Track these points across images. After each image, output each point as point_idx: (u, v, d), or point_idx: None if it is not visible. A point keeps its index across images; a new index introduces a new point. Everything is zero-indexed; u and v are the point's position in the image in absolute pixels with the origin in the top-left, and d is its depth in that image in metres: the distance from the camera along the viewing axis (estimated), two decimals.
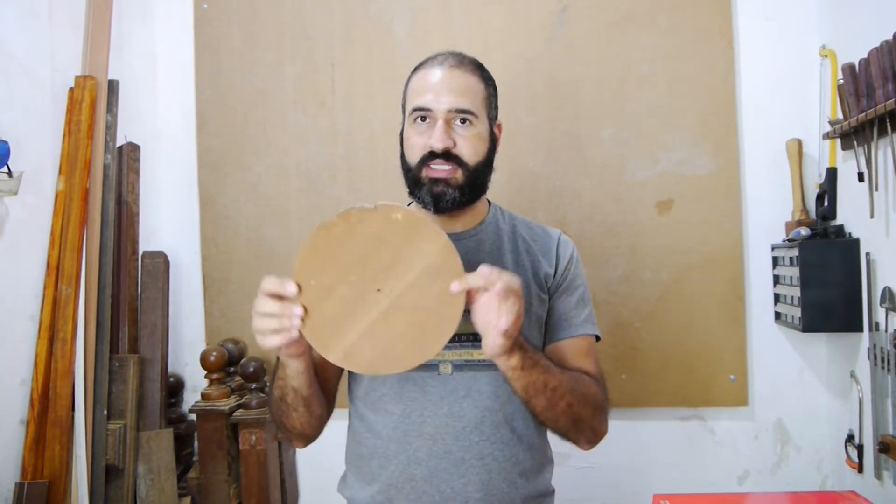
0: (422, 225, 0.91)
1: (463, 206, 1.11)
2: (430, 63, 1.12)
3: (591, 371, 1.14)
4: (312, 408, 1.08)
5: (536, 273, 1.15)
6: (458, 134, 1.08)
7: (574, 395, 1.04)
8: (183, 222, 2.06)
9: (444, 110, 1.07)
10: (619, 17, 1.88)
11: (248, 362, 1.89)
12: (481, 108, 1.11)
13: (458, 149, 1.08)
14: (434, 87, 1.08)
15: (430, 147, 1.07)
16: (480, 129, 1.11)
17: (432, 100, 1.08)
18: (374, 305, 0.91)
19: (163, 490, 1.79)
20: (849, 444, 1.68)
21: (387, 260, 0.90)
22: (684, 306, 1.86)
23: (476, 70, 1.13)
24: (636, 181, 1.88)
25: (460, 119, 1.08)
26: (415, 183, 1.11)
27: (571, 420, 1.06)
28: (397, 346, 0.92)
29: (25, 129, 1.62)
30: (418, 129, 1.09)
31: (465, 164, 1.08)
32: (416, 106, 1.09)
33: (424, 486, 1.07)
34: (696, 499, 1.36)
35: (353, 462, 1.17)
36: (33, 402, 1.62)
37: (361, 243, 0.90)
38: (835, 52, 1.72)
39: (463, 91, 1.09)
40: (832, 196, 1.71)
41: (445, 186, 1.08)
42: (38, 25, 1.69)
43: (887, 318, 1.49)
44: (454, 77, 1.09)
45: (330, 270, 0.91)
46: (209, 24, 2.04)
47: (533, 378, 0.99)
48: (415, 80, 1.13)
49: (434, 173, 1.08)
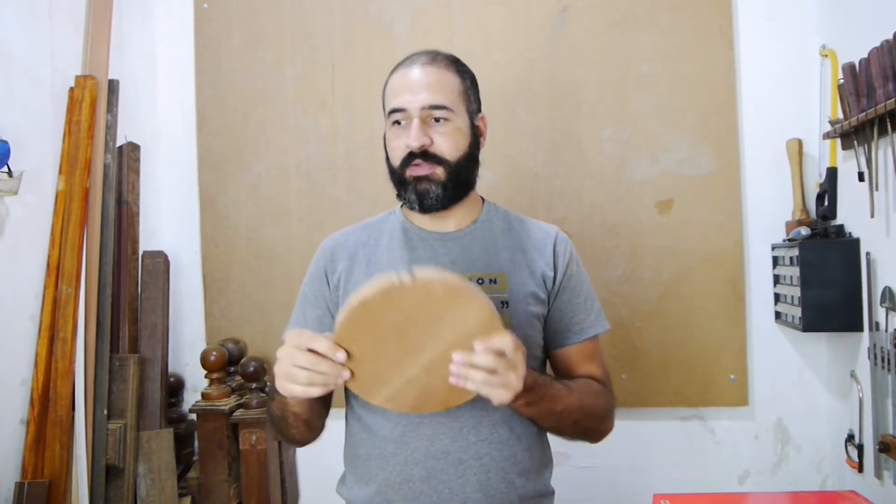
0: (464, 294, 0.90)
1: (448, 203, 1.11)
2: (403, 64, 1.12)
3: (598, 374, 1.15)
4: (312, 423, 1.11)
5: (533, 272, 1.14)
6: (435, 131, 1.08)
7: (582, 411, 1.07)
8: (183, 222, 2.06)
9: (418, 108, 1.07)
10: (619, 17, 1.88)
11: (249, 362, 1.89)
12: (458, 102, 1.10)
13: (436, 146, 1.08)
14: (408, 86, 1.08)
15: (408, 147, 1.07)
16: (459, 123, 1.10)
17: (407, 99, 1.08)
18: (416, 362, 0.92)
19: (163, 490, 1.79)
20: (849, 443, 1.68)
21: (427, 325, 0.90)
22: (684, 306, 1.86)
23: (451, 65, 1.12)
24: (636, 181, 1.88)
25: (436, 116, 1.08)
26: (400, 184, 1.11)
27: (579, 432, 1.10)
28: (439, 391, 0.94)
29: (25, 128, 1.62)
30: (396, 131, 1.10)
31: (444, 160, 1.08)
32: (392, 107, 1.10)
33: (422, 486, 1.07)
34: (697, 499, 1.36)
35: (351, 462, 1.17)
36: (33, 401, 1.62)
37: (403, 314, 0.90)
38: (835, 52, 1.72)
39: (436, 87, 1.08)
40: (832, 196, 1.71)
41: (428, 183, 1.08)
42: (39, 25, 1.69)
43: (887, 317, 1.49)
44: (427, 74, 1.09)
45: (370, 337, 0.91)
46: (209, 23, 2.04)
47: (540, 409, 1.02)
48: (390, 83, 1.13)
49: (415, 171, 1.08)
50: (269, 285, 2.00)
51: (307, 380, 0.90)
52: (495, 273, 1.12)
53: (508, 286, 1.11)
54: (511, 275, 1.12)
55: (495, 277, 1.12)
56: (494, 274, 1.12)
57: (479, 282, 1.11)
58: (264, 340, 1.98)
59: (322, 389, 0.91)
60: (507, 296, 1.11)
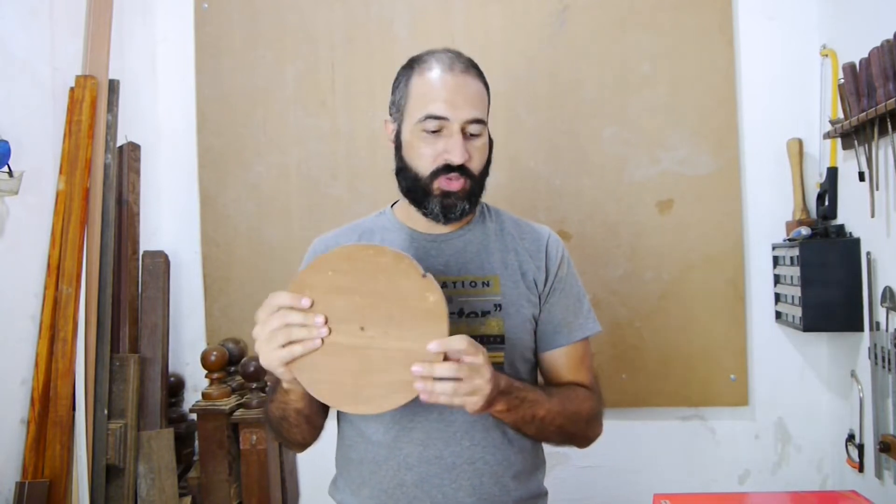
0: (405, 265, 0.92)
1: (467, 214, 1.10)
2: (433, 64, 1.06)
3: (586, 380, 1.14)
4: (314, 421, 1.10)
5: (525, 273, 1.13)
6: (471, 145, 1.06)
7: (564, 416, 1.06)
8: (183, 222, 2.06)
9: (462, 120, 1.04)
10: (619, 17, 1.88)
11: (249, 361, 1.89)
12: (487, 116, 1.09)
13: (471, 161, 1.06)
14: (448, 94, 1.04)
15: (447, 160, 1.04)
16: (486, 137, 1.09)
17: (447, 109, 1.03)
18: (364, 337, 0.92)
19: (163, 490, 1.79)
20: (849, 443, 1.68)
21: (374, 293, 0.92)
22: (685, 306, 1.86)
23: (479, 74, 1.10)
24: (637, 180, 1.88)
25: (472, 131, 1.05)
26: (424, 193, 1.07)
27: (563, 437, 1.09)
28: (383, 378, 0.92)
29: (26, 128, 1.62)
30: (428, 139, 1.05)
31: (473, 175, 1.07)
32: (429, 113, 1.04)
33: (415, 491, 1.06)
34: (697, 498, 1.36)
35: (344, 466, 1.16)
36: (34, 401, 1.62)
37: (354, 277, 0.92)
38: (835, 52, 1.72)
39: (476, 100, 1.06)
40: (833, 195, 1.71)
41: (457, 199, 1.06)
42: (39, 25, 1.69)
43: (888, 317, 1.49)
44: (468, 84, 1.05)
45: (325, 284, 0.92)
46: (210, 23, 2.04)
47: (521, 414, 1.01)
48: (420, 83, 1.07)
49: (449, 185, 1.05)
50: (270, 285, 1.99)
51: (285, 337, 0.89)
52: (488, 276, 1.11)
53: (501, 288, 1.11)
54: (504, 277, 1.12)
55: (488, 280, 1.11)
56: (487, 276, 1.11)
57: (471, 284, 1.10)
58: None
59: (303, 346, 0.89)
60: (500, 298, 1.10)
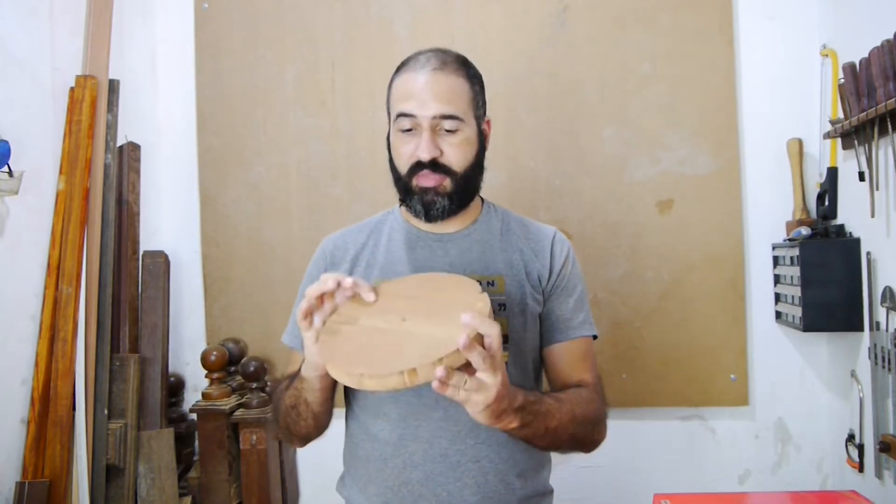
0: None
1: (454, 212, 1.10)
2: (412, 64, 1.08)
3: (589, 379, 1.13)
4: (320, 419, 1.10)
5: (529, 272, 1.14)
6: (445, 141, 1.06)
7: (575, 423, 1.03)
8: (183, 222, 2.06)
9: (429, 117, 1.05)
10: (619, 17, 1.88)
11: (249, 362, 1.90)
12: (468, 111, 1.08)
13: (446, 157, 1.06)
14: (418, 92, 1.05)
15: (417, 157, 1.06)
16: (468, 133, 1.08)
17: (416, 106, 1.05)
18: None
19: (163, 489, 1.79)
20: (849, 443, 1.68)
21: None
22: (685, 306, 1.86)
23: (461, 68, 1.09)
24: (637, 180, 1.88)
25: (446, 126, 1.06)
26: (406, 192, 1.10)
27: (572, 445, 1.07)
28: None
29: (26, 128, 1.62)
30: (404, 137, 1.08)
31: (453, 171, 1.07)
32: (400, 111, 1.07)
33: (421, 489, 1.07)
34: (697, 498, 1.36)
35: (351, 464, 1.17)
36: (34, 401, 1.62)
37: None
38: (835, 52, 1.71)
39: (448, 96, 1.06)
40: (833, 195, 1.71)
41: (435, 195, 1.07)
42: (39, 25, 1.69)
43: (888, 317, 1.49)
44: (438, 81, 1.06)
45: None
46: (210, 23, 2.04)
47: (533, 429, 0.97)
48: (398, 83, 1.09)
49: (423, 181, 1.07)
50: (270, 285, 2.00)
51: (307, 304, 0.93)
52: (493, 275, 1.12)
53: (506, 288, 1.11)
54: (508, 277, 1.12)
55: (493, 279, 1.11)
56: (492, 276, 1.12)
57: None
58: (265, 340, 1.98)
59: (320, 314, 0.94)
60: (505, 298, 1.10)
